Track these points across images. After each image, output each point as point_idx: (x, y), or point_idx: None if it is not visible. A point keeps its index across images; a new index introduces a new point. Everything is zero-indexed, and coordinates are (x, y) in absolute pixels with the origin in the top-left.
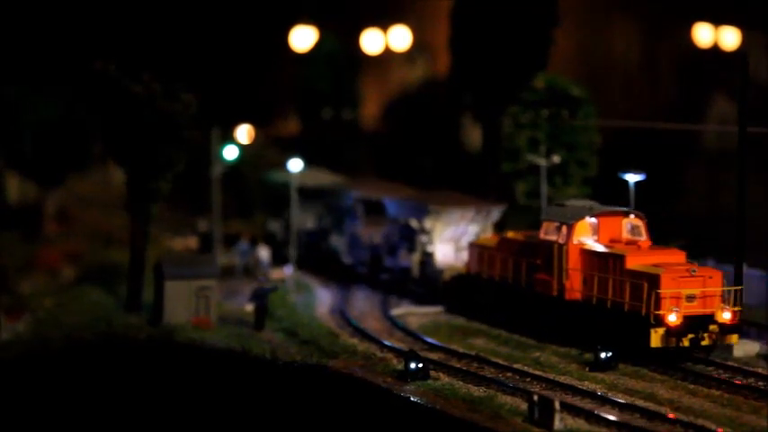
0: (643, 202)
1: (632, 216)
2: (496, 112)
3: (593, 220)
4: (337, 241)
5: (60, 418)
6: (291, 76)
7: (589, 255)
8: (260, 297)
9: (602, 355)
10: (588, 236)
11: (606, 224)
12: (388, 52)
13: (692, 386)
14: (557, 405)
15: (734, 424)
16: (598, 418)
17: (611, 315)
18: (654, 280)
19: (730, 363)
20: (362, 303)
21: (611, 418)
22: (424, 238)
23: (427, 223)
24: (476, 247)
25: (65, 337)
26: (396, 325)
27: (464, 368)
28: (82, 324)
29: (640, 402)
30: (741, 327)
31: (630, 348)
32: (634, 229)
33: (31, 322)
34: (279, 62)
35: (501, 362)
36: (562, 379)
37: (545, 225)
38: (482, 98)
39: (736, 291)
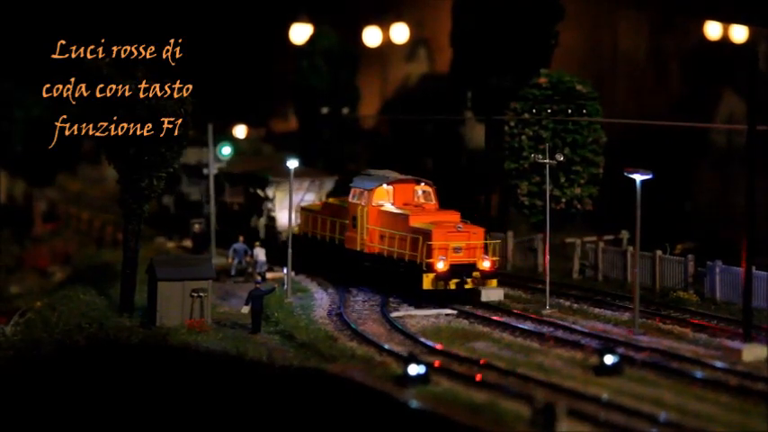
0: (651, 201)
1: (423, 184)
2: (499, 108)
3: (389, 186)
4: (209, 209)
5: (50, 424)
6: (289, 73)
7: (384, 215)
8: (256, 299)
9: (608, 359)
10: (385, 200)
11: (400, 190)
12: (387, 48)
13: (699, 391)
14: (561, 411)
15: (742, 429)
16: (603, 423)
17: (397, 264)
18: (427, 234)
19: (739, 368)
20: (361, 306)
21: (618, 423)
22: (269, 205)
23: (270, 192)
24: (305, 211)
25: (55, 341)
26: (395, 328)
27: (465, 373)
28: (73, 326)
29: (646, 408)
30: (499, 274)
31: (409, 291)
32: (425, 195)
33: (20, 324)
34: (276, 58)
35: (503, 366)
36: (566, 384)
37: (353, 191)
38: (484, 94)
39: (495, 243)
